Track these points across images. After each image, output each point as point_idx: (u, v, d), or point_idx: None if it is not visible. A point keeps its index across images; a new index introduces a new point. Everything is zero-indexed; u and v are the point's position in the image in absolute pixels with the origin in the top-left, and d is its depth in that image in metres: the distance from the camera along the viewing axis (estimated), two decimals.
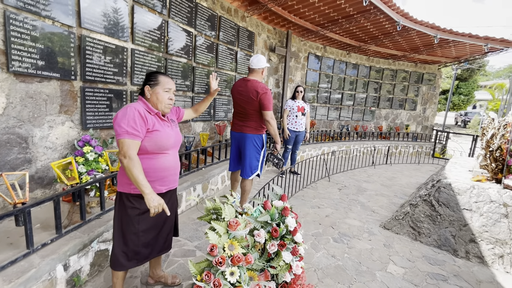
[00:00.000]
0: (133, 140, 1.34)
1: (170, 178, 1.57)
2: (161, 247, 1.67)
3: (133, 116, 1.36)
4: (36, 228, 1.84)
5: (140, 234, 1.52)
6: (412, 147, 8.27)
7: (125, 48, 2.96)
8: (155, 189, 1.48)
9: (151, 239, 1.59)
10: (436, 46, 7.03)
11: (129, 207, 1.49)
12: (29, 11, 2.06)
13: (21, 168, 2.12)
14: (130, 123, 1.34)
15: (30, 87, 2.13)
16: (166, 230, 1.68)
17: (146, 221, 1.53)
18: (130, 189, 1.47)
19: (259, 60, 2.65)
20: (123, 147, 1.33)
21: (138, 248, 1.53)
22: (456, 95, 20.64)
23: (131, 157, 1.32)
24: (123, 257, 1.53)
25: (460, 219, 2.64)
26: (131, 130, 1.34)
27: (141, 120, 1.38)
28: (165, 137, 1.48)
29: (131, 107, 1.39)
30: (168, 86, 1.51)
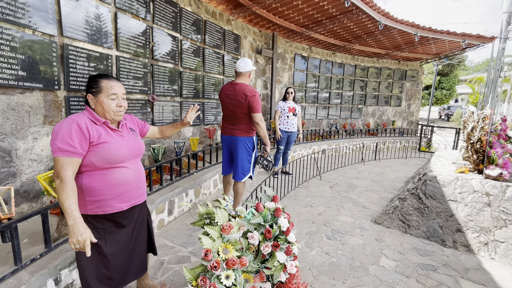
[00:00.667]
0: (68, 157, 1.18)
1: (131, 193, 1.40)
2: (137, 270, 1.54)
3: (69, 130, 1.20)
4: (24, 243, 1.79)
5: (110, 258, 1.38)
6: (399, 142, 8.49)
7: (109, 56, 2.92)
8: (114, 207, 1.34)
9: (124, 263, 1.45)
10: (417, 44, 7.26)
11: (91, 228, 1.27)
12: (8, 21, 2.01)
13: (5, 183, 2.06)
14: (65, 139, 1.18)
15: (12, 98, 2.08)
16: (140, 252, 1.55)
17: (115, 242, 1.40)
18: (86, 210, 1.31)
19: (245, 64, 2.68)
20: (56, 166, 1.18)
21: (109, 272, 1.39)
22: (438, 90, 21.31)
23: (63, 178, 1.16)
24: (95, 283, 1.37)
25: (446, 210, 2.74)
26: (64, 146, 1.17)
27: (79, 133, 1.21)
28: (114, 149, 1.30)
29: (68, 120, 1.23)
30: (113, 91, 1.31)
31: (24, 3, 2.10)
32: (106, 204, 1.33)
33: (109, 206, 1.33)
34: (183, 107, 4.20)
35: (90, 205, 1.31)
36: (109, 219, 1.37)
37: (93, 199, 1.30)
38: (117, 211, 1.36)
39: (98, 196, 1.30)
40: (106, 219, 1.36)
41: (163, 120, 3.84)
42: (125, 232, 1.45)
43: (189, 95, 4.32)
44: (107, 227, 1.37)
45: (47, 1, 2.27)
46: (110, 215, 1.36)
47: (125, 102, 1.40)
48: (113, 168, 1.32)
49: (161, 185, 2.89)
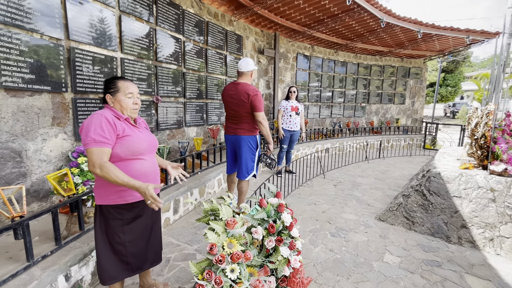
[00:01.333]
0: (101, 148, 1.28)
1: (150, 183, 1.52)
2: (153, 258, 1.63)
3: (99, 123, 1.31)
4: (35, 241, 1.84)
5: (127, 245, 1.48)
6: (403, 140, 8.44)
7: (114, 58, 2.98)
8: (134, 196, 1.44)
9: (141, 250, 1.55)
10: (420, 41, 7.22)
11: (111, 218, 1.43)
12: (17, 26, 2.07)
13: (16, 182, 2.12)
14: (97, 131, 1.28)
15: (22, 101, 2.14)
16: (155, 240, 1.64)
17: (132, 231, 1.49)
18: (109, 200, 1.41)
19: (247, 63, 2.71)
20: (92, 157, 1.27)
21: (127, 258, 1.49)
22: (443, 87, 21.10)
23: (102, 165, 1.25)
24: (113, 267, 1.47)
25: (451, 206, 2.73)
26: (98, 138, 1.28)
27: (109, 126, 1.32)
28: (137, 142, 1.42)
29: (97, 114, 1.34)
30: (129, 90, 1.44)
31: (32, 8, 2.16)
32: (128, 193, 1.42)
33: (130, 195, 1.43)
34: (186, 108, 4.26)
35: (113, 195, 1.41)
36: (128, 209, 1.47)
37: (116, 189, 1.40)
38: (137, 200, 1.45)
39: (120, 186, 1.38)
40: (126, 209, 1.46)
41: (167, 121, 3.90)
42: (142, 221, 1.53)
43: (193, 96, 4.37)
44: (126, 217, 1.46)
45: (54, 6, 2.33)
46: (130, 204, 1.45)
47: (139, 101, 1.52)
48: (135, 160, 1.43)
49: (166, 184, 2.93)
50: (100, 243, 1.46)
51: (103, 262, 1.45)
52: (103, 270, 1.46)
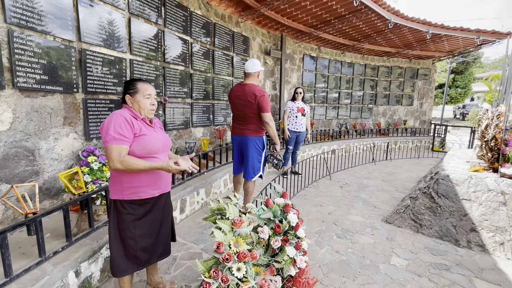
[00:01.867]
0: (120, 145, 1.35)
1: (162, 181, 1.58)
2: (160, 252, 1.68)
3: (119, 122, 1.38)
4: (46, 237, 1.89)
5: (138, 239, 1.54)
6: (411, 142, 8.33)
7: (123, 59, 3.04)
8: (147, 193, 1.51)
9: (150, 244, 1.60)
10: (429, 41, 7.13)
11: (123, 213, 1.50)
12: (31, 28, 2.14)
13: (29, 180, 2.18)
14: (117, 129, 1.36)
15: (35, 101, 2.21)
16: (164, 235, 1.69)
17: (143, 225, 1.55)
18: (123, 196, 1.48)
19: (254, 64, 2.72)
20: (112, 154, 1.33)
21: (136, 252, 1.55)
22: (453, 88, 20.73)
23: (122, 159, 1.33)
24: (123, 261, 1.53)
25: (460, 209, 2.69)
26: (118, 136, 1.35)
27: (127, 125, 1.40)
28: (153, 141, 1.49)
29: (116, 114, 1.41)
30: (148, 92, 1.52)
31: (45, 11, 2.23)
32: (141, 190, 1.50)
33: (144, 192, 1.50)
34: (193, 109, 4.30)
35: (127, 191, 1.48)
36: (141, 205, 1.53)
37: (131, 185, 1.47)
38: (150, 196, 1.53)
39: (135, 183, 1.47)
40: (139, 205, 1.53)
41: (174, 121, 3.94)
42: (153, 216, 1.59)
43: (199, 97, 4.42)
44: (138, 213, 1.52)
45: (67, 9, 2.40)
46: (143, 200, 1.52)
47: (156, 102, 1.60)
48: (150, 158, 1.48)
49: (173, 184, 2.97)
50: (112, 237, 1.53)
51: (114, 255, 1.53)
52: (114, 263, 1.53)
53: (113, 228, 1.53)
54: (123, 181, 1.46)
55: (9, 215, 2.08)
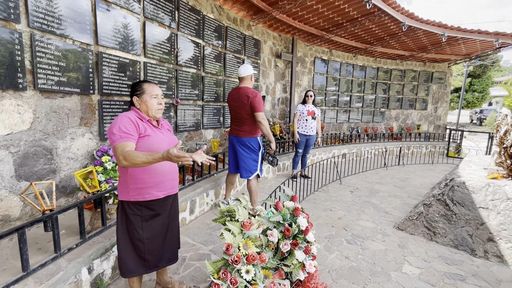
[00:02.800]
0: (125, 142, 1.35)
1: (167, 183, 1.58)
2: (169, 257, 1.68)
3: (124, 122, 1.41)
4: (61, 234, 1.95)
5: (145, 241, 1.55)
6: (425, 147, 8.12)
7: (138, 62, 3.11)
8: (152, 195, 1.51)
9: (157, 248, 1.60)
10: (445, 44, 6.95)
11: (131, 214, 1.51)
12: (52, 32, 2.23)
13: (46, 178, 2.26)
14: (121, 128, 1.38)
15: (54, 102, 2.29)
16: (172, 239, 1.69)
17: (150, 228, 1.56)
18: (129, 197, 1.49)
19: (246, 69, 2.90)
20: (117, 151, 1.33)
21: (144, 254, 1.56)
22: (469, 93, 20.10)
23: (125, 154, 1.29)
24: (132, 262, 1.54)
25: (476, 218, 2.59)
26: (122, 134, 1.37)
27: (132, 125, 1.42)
28: (157, 142, 1.49)
29: (121, 115, 1.45)
30: (155, 92, 1.54)
31: (65, 15, 2.32)
32: (146, 191, 1.50)
33: (148, 193, 1.50)
34: (204, 111, 4.35)
35: (132, 192, 1.49)
36: (147, 206, 1.54)
37: (136, 187, 1.49)
38: (154, 198, 1.53)
39: (140, 184, 1.48)
40: (145, 206, 1.53)
41: (186, 123, 4.00)
42: (160, 219, 1.60)
43: (210, 99, 4.47)
44: (145, 214, 1.53)
45: (85, 14, 2.49)
46: (148, 202, 1.53)
47: (163, 102, 1.62)
48: None
49: (184, 185, 3.01)
50: (121, 237, 1.54)
51: (122, 255, 1.54)
52: (123, 263, 1.54)
53: (121, 229, 1.54)
54: (128, 182, 1.48)
55: (27, 212, 2.16)
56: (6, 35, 1.93)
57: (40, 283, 1.46)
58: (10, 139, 2.01)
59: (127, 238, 1.55)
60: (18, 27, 2.02)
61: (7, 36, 1.93)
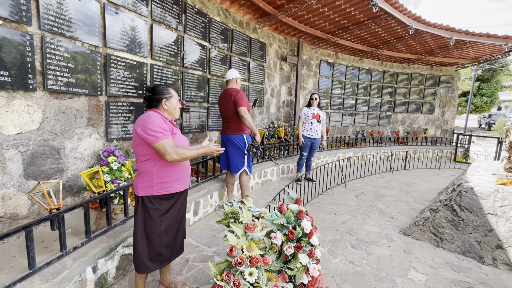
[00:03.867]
0: (168, 139, 1.51)
1: (187, 177, 1.73)
2: (178, 248, 1.79)
3: (160, 121, 1.54)
4: (67, 233, 1.98)
5: (162, 235, 1.64)
6: (431, 151, 8.00)
7: (144, 64, 3.15)
8: (175, 188, 1.63)
9: (171, 240, 1.70)
10: (452, 48, 6.88)
11: (151, 209, 1.60)
12: (62, 34, 2.28)
13: (54, 177, 2.30)
14: (161, 126, 1.52)
15: (63, 103, 2.33)
16: (182, 231, 1.81)
17: (167, 221, 1.66)
18: (152, 191, 1.58)
19: (231, 73, 3.17)
20: (166, 148, 1.47)
21: (160, 249, 1.64)
22: (478, 97, 19.80)
23: (178, 151, 1.49)
24: (148, 259, 1.62)
25: (484, 224, 2.54)
26: (165, 131, 1.52)
27: (166, 124, 1.58)
28: (181, 139, 1.66)
29: (153, 114, 1.57)
30: (178, 97, 1.75)
31: (75, 18, 2.37)
32: (170, 185, 1.62)
33: (172, 186, 1.63)
34: (209, 113, 4.37)
35: (157, 186, 1.58)
36: (167, 199, 1.64)
37: (161, 181, 1.59)
38: (177, 191, 1.65)
39: (165, 178, 1.60)
40: (166, 199, 1.64)
41: (191, 125, 4.02)
42: (175, 212, 1.70)
43: (216, 101, 4.49)
44: (164, 208, 1.63)
45: (94, 16, 2.53)
46: (169, 195, 1.64)
47: None
48: None
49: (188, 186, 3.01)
50: (140, 233, 1.62)
51: (140, 251, 1.61)
52: (139, 259, 1.61)
53: (140, 225, 1.62)
54: (154, 176, 1.57)
55: (35, 210, 2.19)
56: (18, 37, 1.98)
57: (45, 281, 1.48)
58: (20, 138, 2.05)
59: (144, 234, 1.62)
60: (29, 29, 2.07)
61: (18, 38, 1.98)
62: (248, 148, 3.18)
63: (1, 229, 1.97)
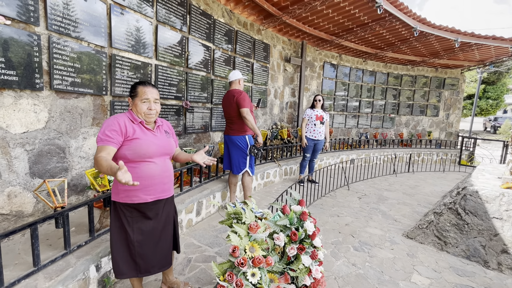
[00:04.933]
0: (102, 145, 1.37)
1: (156, 187, 1.53)
2: (160, 263, 1.63)
3: (110, 125, 1.41)
4: (71, 231, 1.99)
5: (136, 244, 1.52)
6: (435, 154, 7.94)
7: (149, 64, 3.18)
8: (140, 198, 1.49)
9: (148, 252, 1.56)
10: (458, 50, 6.83)
11: (121, 215, 1.51)
12: (69, 35, 2.31)
13: (59, 176, 2.32)
14: (105, 132, 1.39)
15: (68, 102, 2.36)
16: (164, 245, 1.64)
17: (140, 231, 1.54)
18: (119, 198, 1.49)
19: (233, 74, 3.20)
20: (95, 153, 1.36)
21: (135, 258, 1.54)
22: (483, 100, 19.61)
23: (96, 158, 1.31)
24: (123, 264, 1.53)
25: (490, 228, 2.51)
26: (104, 137, 1.38)
27: (117, 128, 1.41)
28: (145, 145, 1.46)
29: (112, 117, 1.47)
30: (145, 96, 1.49)
31: (81, 19, 2.40)
32: (133, 194, 1.49)
33: (136, 196, 1.49)
34: (213, 113, 4.39)
35: (121, 194, 1.49)
36: (136, 208, 1.53)
37: (124, 188, 1.48)
38: (142, 201, 1.50)
39: (127, 186, 1.45)
40: (134, 208, 1.53)
41: (194, 125, 4.04)
42: (151, 224, 1.57)
43: (219, 102, 4.50)
44: (134, 216, 1.53)
45: (100, 17, 2.56)
46: (137, 204, 1.51)
47: (157, 106, 1.56)
48: (142, 162, 1.48)
49: (191, 186, 3.03)
50: (113, 237, 1.54)
51: (115, 256, 1.54)
52: (115, 263, 1.54)
53: (114, 229, 1.54)
54: (118, 183, 1.48)
55: (40, 208, 2.21)
56: (25, 37, 2.00)
57: (50, 279, 1.49)
58: (26, 137, 2.08)
59: (119, 238, 1.53)
60: (37, 30, 2.10)
61: (26, 38, 2.01)
62: (249, 149, 3.19)
63: (7, 226, 1.99)
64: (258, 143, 3.25)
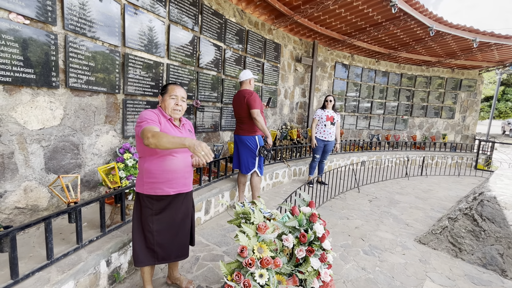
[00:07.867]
0: (152, 125, 1.45)
1: (179, 181, 1.65)
2: (177, 253, 1.74)
3: (149, 113, 1.55)
4: (83, 226, 2.04)
5: (155, 234, 1.64)
6: (450, 158, 7.69)
7: (161, 64, 3.22)
8: (163, 190, 1.60)
9: (167, 241, 1.68)
10: (476, 50, 6.60)
11: (143, 206, 1.62)
12: (84, 34, 2.36)
13: (72, 172, 2.38)
14: (147, 118, 1.51)
15: (83, 100, 2.41)
16: (182, 236, 1.75)
17: (160, 222, 1.65)
18: (143, 190, 1.60)
19: (244, 74, 3.20)
20: (144, 131, 1.39)
21: (153, 247, 1.65)
22: (502, 102, 18.88)
23: (156, 132, 1.36)
24: (142, 253, 1.64)
25: (508, 236, 2.40)
26: (150, 120, 1.49)
27: (155, 116, 1.56)
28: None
29: (147, 110, 1.60)
30: (174, 93, 1.65)
31: (96, 19, 2.45)
32: (158, 186, 1.59)
33: (159, 188, 1.60)
34: (223, 113, 4.40)
35: (146, 186, 1.59)
36: (158, 200, 1.63)
37: (149, 181, 1.59)
38: (165, 194, 1.61)
39: (152, 179, 1.58)
40: (156, 200, 1.62)
41: (204, 124, 4.06)
42: (170, 215, 1.68)
43: (229, 102, 4.51)
44: (156, 208, 1.63)
45: (115, 17, 2.61)
46: (159, 196, 1.62)
47: (184, 104, 1.71)
48: (167, 156, 1.59)
49: (200, 185, 3.04)
50: (135, 227, 1.65)
51: (135, 245, 1.64)
52: (134, 252, 1.64)
53: (136, 219, 1.65)
54: (143, 175, 1.59)
55: (54, 203, 2.28)
56: (43, 37, 2.06)
57: (62, 272, 1.53)
58: (42, 133, 2.14)
59: (140, 228, 1.64)
60: (54, 29, 2.16)
61: (44, 38, 2.07)
62: (259, 150, 3.19)
63: (23, 219, 2.05)
64: (267, 144, 3.25)
